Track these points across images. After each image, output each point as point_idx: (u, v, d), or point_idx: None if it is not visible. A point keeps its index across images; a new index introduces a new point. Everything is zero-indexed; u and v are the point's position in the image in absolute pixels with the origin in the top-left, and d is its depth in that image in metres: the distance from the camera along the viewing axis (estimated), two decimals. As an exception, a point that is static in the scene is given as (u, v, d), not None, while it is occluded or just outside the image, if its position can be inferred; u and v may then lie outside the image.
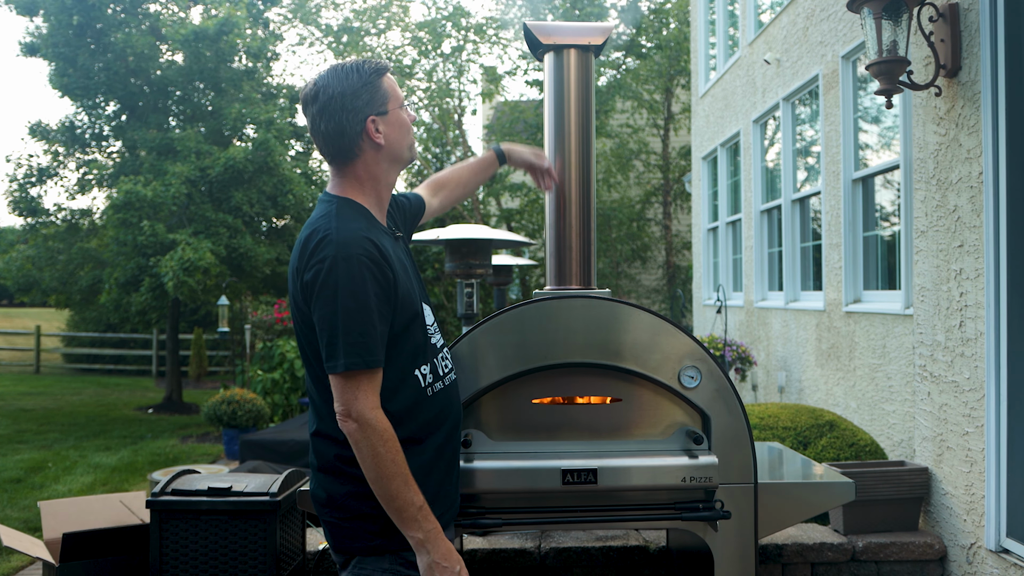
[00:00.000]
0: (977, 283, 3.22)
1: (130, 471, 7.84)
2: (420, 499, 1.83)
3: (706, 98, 10.48)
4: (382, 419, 1.82)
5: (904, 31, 3.34)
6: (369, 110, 1.94)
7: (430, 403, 1.98)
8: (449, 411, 2.05)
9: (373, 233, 1.91)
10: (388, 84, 1.98)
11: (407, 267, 2.01)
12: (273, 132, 12.01)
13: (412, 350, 1.95)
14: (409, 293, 1.94)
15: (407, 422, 1.93)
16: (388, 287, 1.87)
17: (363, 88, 1.93)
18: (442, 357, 2.08)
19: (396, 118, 1.98)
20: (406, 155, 2.03)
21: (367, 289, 1.82)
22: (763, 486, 2.56)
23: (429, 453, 1.97)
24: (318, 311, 1.84)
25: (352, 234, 1.86)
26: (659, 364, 2.52)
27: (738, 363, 7.22)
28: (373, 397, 1.83)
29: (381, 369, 1.86)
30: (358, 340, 1.81)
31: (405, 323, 1.93)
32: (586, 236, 2.70)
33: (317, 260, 1.84)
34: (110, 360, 18.98)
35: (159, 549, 2.95)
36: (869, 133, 5.87)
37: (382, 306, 1.85)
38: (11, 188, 12.31)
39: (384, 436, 1.81)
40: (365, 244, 1.85)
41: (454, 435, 2.07)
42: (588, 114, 2.71)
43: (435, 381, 2.01)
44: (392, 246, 1.98)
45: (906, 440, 4.79)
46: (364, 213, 1.97)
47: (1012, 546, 3.07)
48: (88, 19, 11.67)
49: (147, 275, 11.06)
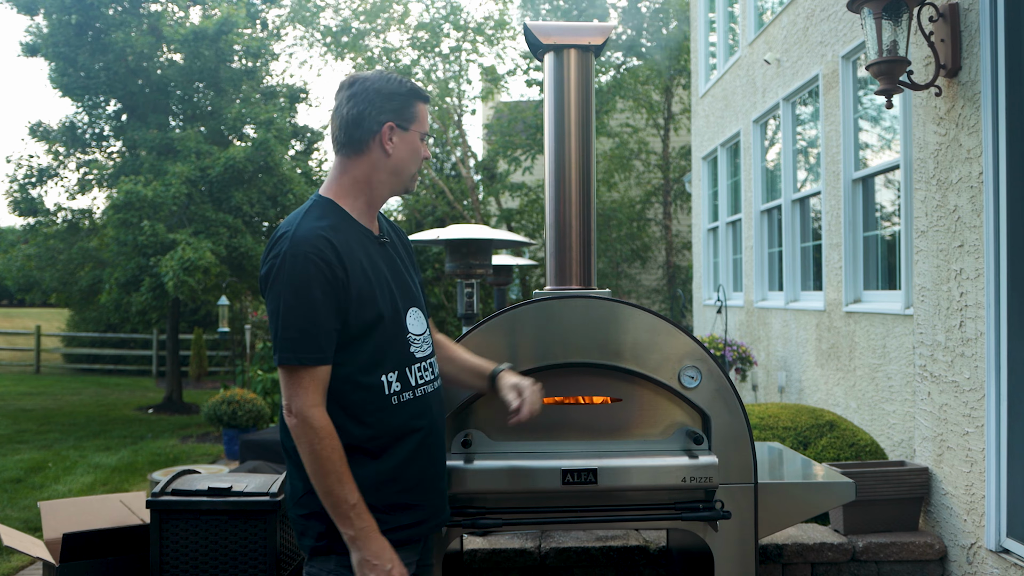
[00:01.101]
0: (977, 283, 3.22)
1: (130, 471, 7.84)
2: (355, 497, 1.84)
3: (706, 98, 10.48)
4: (320, 417, 1.84)
5: (904, 31, 3.34)
6: (393, 117, 1.98)
7: (395, 412, 1.96)
8: (419, 422, 2.01)
9: (339, 232, 1.92)
10: (421, 109, 2.03)
11: (381, 272, 1.99)
12: (273, 132, 12.01)
13: (373, 355, 1.94)
14: (370, 297, 1.92)
15: (363, 426, 1.92)
16: (337, 287, 1.87)
17: (398, 96, 1.99)
18: (421, 368, 2.04)
19: (412, 140, 2.02)
20: (406, 178, 2.05)
21: (310, 286, 1.85)
22: (763, 486, 2.56)
23: (392, 462, 1.95)
24: (268, 305, 1.92)
25: (309, 232, 1.89)
26: (659, 364, 2.52)
27: (738, 363, 7.22)
28: (313, 394, 1.85)
29: (326, 367, 1.87)
30: (295, 336, 1.84)
31: (364, 327, 1.92)
32: (586, 236, 2.70)
33: (272, 256, 1.90)
34: (110, 360, 18.98)
35: (159, 549, 2.95)
36: (869, 133, 5.87)
37: (329, 304, 1.86)
38: (11, 188, 12.32)
39: (321, 434, 1.83)
40: (319, 242, 1.87)
41: (428, 446, 2.03)
42: (588, 114, 2.71)
43: (404, 391, 1.98)
44: (369, 249, 1.98)
45: (906, 440, 4.79)
46: (339, 213, 1.98)
47: (1012, 546, 3.07)
48: (88, 18, 11.67)
49: (147, 275, 11.06)
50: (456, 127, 17.40)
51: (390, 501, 1.95)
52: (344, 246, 1.91)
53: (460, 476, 2.37)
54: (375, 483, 1.93)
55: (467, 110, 25.34)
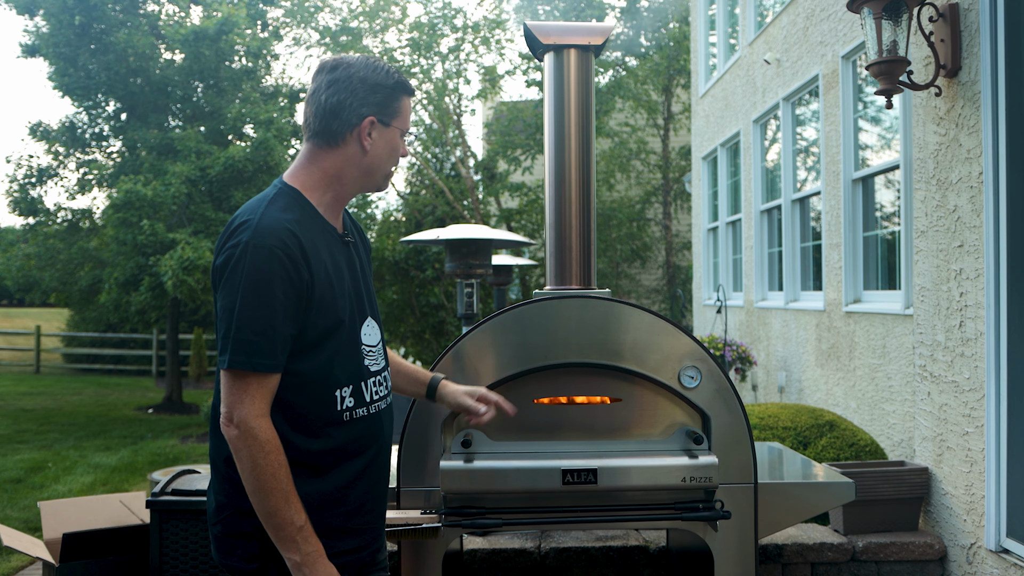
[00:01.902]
0: (977, 283, 3.22)
1: (130, 471, 7.84)
2: (302, 519, 1.68)
3: (706, 98, 10.48)
4: (267, 429, 1.67)
5: (904, 31, 3.34)
6: (376, 111, 1.82)
7: (346, 428, 1.81)
8: (371, 441, 1.87)
9: (304, 228, 1.76)
10: (405, 104, 1.88)
11: (343, 275, 1.84)
12: (273, 131, 12.02)
13: (328, 366, 1.78)
14: (331, 302, 1.77)
15: (311, 442, 1.77)
16: (301, 287, 1.71)
17: (383, 88, 1.83)
18: (376, 382, 1.90)
19: (392, 137, 1.86)
20: (379, 177, 1.89)
21: (273, 284, 1.67)
22: (763, 486, 2.56)
23: (337, 481, 1.80)
24: (220, 299, 1.72)
25: (275, 223, 1.71)
26: (659, 364, 2.52)
27: (738, 363, 7.22)
28: (260, 403, 1.68)
29: (277, 376, 1.71)
30: (250, 338, 1.66)
31: (322, 334, 1.76)
32: (586, 236, 2.70)
33: (231, 244, 1.71)
34: (110, 360, 18.99)
35: (159, 549, 2.95)
36: (869, 133, 5.87)
37: (289, 306, 1.69)
38: (11, 188, 12.32)
39: (266, 448, 1.66)
40: (285, 236, 1.70)
41: (377, 467, 1.89)
42: (588, 114, 2.71)
43: (357, 407, 1.84)
44: (332, 249, 1.84)
45: (906, 440, 4.79)
46: (305, 207, 1.81)
47: (1012, 546, 3.07)
48: (89, 19, 11.68)
49: (147, 274, 11.07)
50: (456, 127, 17.40)
51: (331, 524, 1.79)
52: (310, 243, 1.75)
53: (460, 476, 2.37)
54: (318, 504, 1.77)
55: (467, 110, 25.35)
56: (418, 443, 2.46)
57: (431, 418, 2.46)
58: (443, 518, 2.39)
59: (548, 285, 2.75)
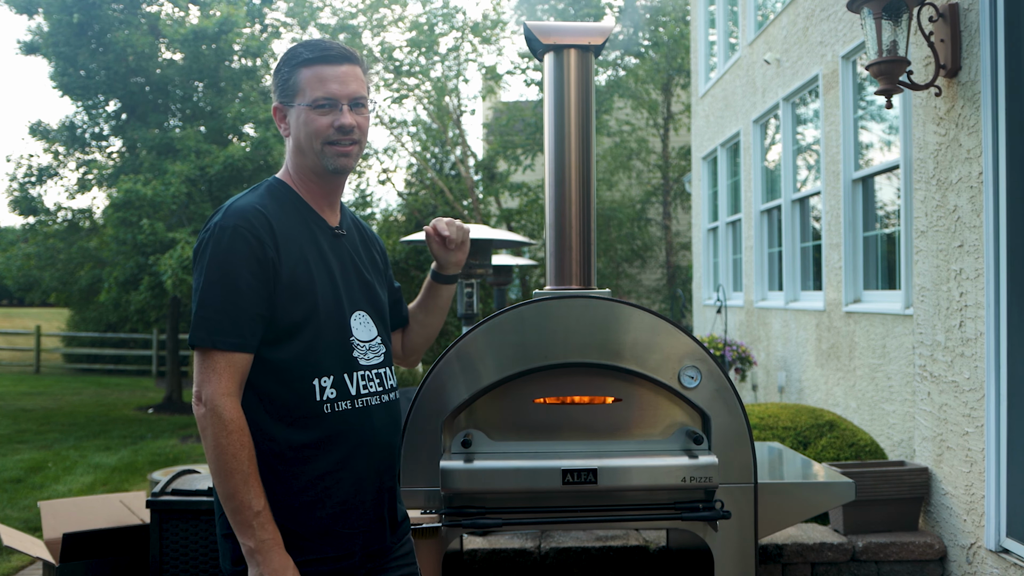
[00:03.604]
0: (977, 283, 3.22)
1: (130, 471, 7.84)
2: (260, 504, 1.64)
3: (706, 98, 10.48)
4: (231, 408, 1.65)
5: (904, 31, 3.34)
6: (279, 97, 1.84)
7: (327, 421, 1.75)
8: (355, 436, 1.79)
9: (278, 212, 1.77)
10: (303, 76, 1.79)
11: (328, 265, 1.82)
12: (272, 131, 12.02)
13: (305, 354, 1.74)
14: (306, 288, 1.75)
15: (290, 432, 1.74)
16: (267, 265, 1.70)
17: (280, 73, 1.83)
18: (365, 376, 1.83)
19: (299, 115, 1.80)
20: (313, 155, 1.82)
21: (237, 263, 1.68)
22: (763, 486, 2.56)
23: (317, 475, 1.74)
24: (193, 280, 1.74)
25: (245, 205, 1.74)
26: (659, 364, 2.52)
27: (738, 363, 7.22)
28: (227, 382, 1.66)
29: (242, 355, 1.68)
30: (212, 316, 1.66)
31: (297, 320, 1.74)
32: (586, 236, 2.70)
33: (204, 229, 1.75)
34: (110, 360, 18.98)
35: (159, 549, 2.95)
36: (869, 133, 5.87)
37: (255, 284, 1.69)
38: (11, 188, 12.33)
39: (230, 427, 1.63)
40: (251, 216, 1.72)
41: (366, 465, 1.81)
42: (588, 114, 2.71)
43: (340, 399, 1.77)
44: (317, 237, 1.82)
45: (906, 440, 4.79)
46: (287, 195, 1.83)
47: (1012, 546, 3.07)
48: (88, 18, 11.68)
49: (146, 274, 11.08)
50: (456, 127, 17.40)
51: (313, 527, 1.74)
52: (282, 225, 1.75)
53: (460, 476, 2.37)
54: (297, 503, 1.73)
55: (467, 110, 25.35)
56: (418, 443, 2.46)
57: (431, 418, 2.46)
58: (443, 518, 2.39)
59: (548, 285, 2.75)
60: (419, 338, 2.20)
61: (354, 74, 1.82)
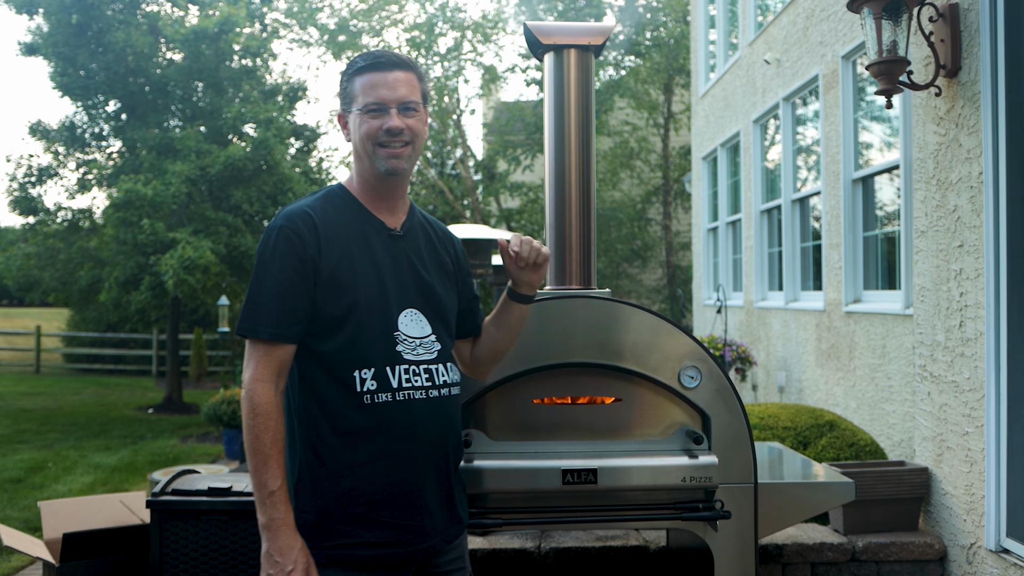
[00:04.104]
0: (977, 283, 3.22)
1: (130, 471, 7.84)
2: (276, 484, 1.76)
3: (706, 98, 10.48)
4: (262, 393, 1.78)
5: (904, 31, 3.34)
6: (341, 104, 1.97)
7: (367, 411, 1.84)
8: (396, 427, 1.85)
9: (329, 213, 1.89)
10: (358, 84, 1.93)
11: (379, 264, 1.90)
12: (272, 131, 12.02)
13: (347, 347, 1.84)
14: (348, 284, 1.85)
15: (333, 422, 1.84)
16: (307, 264, 1.83)
17: (343, 82, 1.97)
18: (410, 370, 1.89)
19: (356, 119, 1.93)
20: (367, 159, 1.93)
21: (276, 260, 1.83)
22: (763, 486, 2.56)
23: (349, 464, 1.83)
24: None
25: (295, 209, 1.89)
26: (659, 364, 2.52)
27: (738, 363, 7.22)
28: (262, 369, 1.79)
29: (280, 345, 1.81)
30: (252, 308, 1.82)
31: (339, 315, 1.84)
32: (586, 236, 2.70)
33: (263, 232, 1.91)
34: (110, 360, 18.98)
35: (159, 549, 2.95)
36: (869, 133, 5.87)
37: (296, 280, 1.82)
38: (11, 188, 12.32)
39: (257, 411, 1.76)
40: (297, 218, 1.86)
41: (407, 457, 1.87)
42: (588, 114, 2.71)
43: (381, 391, 1.85)
44: (368, 237, 1.91)
45: (906, 440, 4.79)
46: (343, 199, 1.95)
47: (1012, 546, 3.07)
48: (87, 18, 11.68)
49: (147, 274, 11.07)
50: (456, 127, 17.40)
51: (351, 512, 1.82)
52: (328, 225, 1.87)
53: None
54: (338, 488, 1.82)
55: (466, 110, 25.33)
56: (418, 443, 2.46)
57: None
58: (443, 518, 2.39)
59: (548, 285, 2.75)
60: (487, 351, 2.21)
61: (405, 79, 1.92)
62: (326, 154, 16.50)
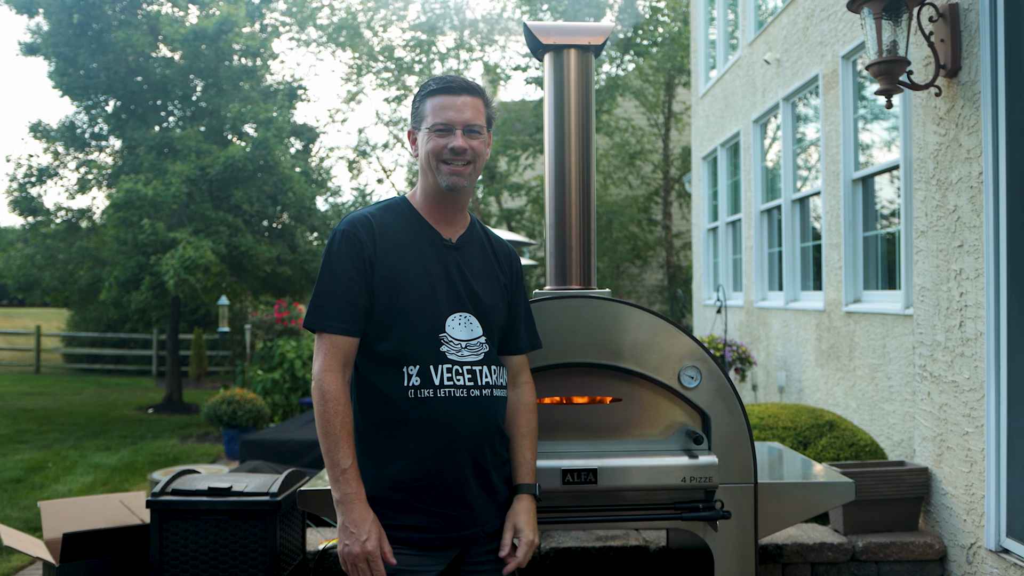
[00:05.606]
0: (977, 283, 3.22)
1: (130, 471, 7.84)
2: (347, 462, 1.92)
3: (706, 98, 10.48)
4: (330, 382, 1.94)
5: (904, 31, 3.34)
6: (412, 123, 2.13)
7: (411, 405, 1.98)
8: (435, 421, 1.98)
9: (389, 221, 2.06)
10: (428, 105, 2.07)
11: (432, 270, 2.04)
12: (272, 131, 12.01)
13: (398, 344, 2.00)
14: (402, 285, 2.01)
15: (382, 411, 2.00)
16: (366, 263, 2.00)
17: (415, 102, 2.13)
18: (452, 370, 2.00)
19: (423, 137, 2.08)
20: (431, 175, 2.07)
21: (338, 260, 2.00)
22: (763, 486, 2.56)
23: (392, 453, 1.99)
24: None
25: (358, 214, 2.07)
26: (659, 364, 2.52)
27: (738, 363, 7.22)
28: (329, 360, 1.96)
29: (345, 338, 1.98)
30: (316, 303, 2.00)
31: (390, 313, 2.01)
32: (586, 236, 2.70)
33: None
34: (110, 360, 18.98)
35: (159, 549, 2.95)
36: (869, 133, 5.87)
37: (357, 278, 1.99)
38: (11, 188, 12.32)
39: (326, 397, 1.93)
40: (358, 222, 2.03)
41: (444, 450, 1.98)
42: (588, 114, 2.71)
43: (424, 387, 1.98)
44: (422, 246, 2.06)
45: (906, 440, 4.79)
46: (403, 209, 2.11)
47: (1012, 546, 3.07)
48: (87, 18, 11.67)
49: (147, 273, 11.07)
50: (456, 127, 17.37)
51: (391, 497, 1.98)
52: (386, 230, 2.04)
53: (460, 476, 2.36)
54: (383, 474, 1.99)
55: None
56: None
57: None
58: (443, 518, 2.39)
59: (548, 285, 2.75)
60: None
61: (472, 104, 2.07)
62: (326, 153, 16.49)
